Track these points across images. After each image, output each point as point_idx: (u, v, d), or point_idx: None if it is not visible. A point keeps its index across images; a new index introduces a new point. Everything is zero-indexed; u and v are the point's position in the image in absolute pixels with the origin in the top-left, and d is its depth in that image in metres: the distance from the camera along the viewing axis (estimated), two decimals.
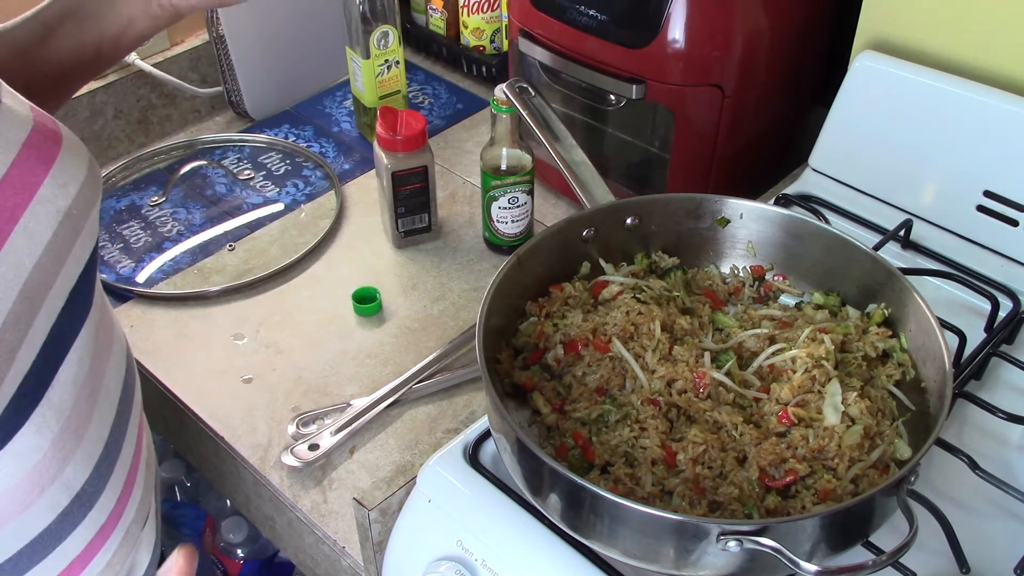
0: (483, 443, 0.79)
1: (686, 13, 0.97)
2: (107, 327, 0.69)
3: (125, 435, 0.70)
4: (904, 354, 0.78)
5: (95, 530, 0.67)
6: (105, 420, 0.66)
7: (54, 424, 0.60)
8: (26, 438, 0.58)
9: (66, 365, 0.61)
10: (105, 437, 0.66)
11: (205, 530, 1.33)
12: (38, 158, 0.61)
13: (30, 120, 0.62)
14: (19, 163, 0.59)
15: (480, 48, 1.42)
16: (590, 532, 0.67)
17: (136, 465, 0.72)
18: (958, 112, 0.93)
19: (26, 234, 0.59)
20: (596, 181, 0.88)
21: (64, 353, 0.61)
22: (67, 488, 0.63)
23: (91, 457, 0.64)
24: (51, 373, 0.60)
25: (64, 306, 0.61)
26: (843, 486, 0.68)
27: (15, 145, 0.59)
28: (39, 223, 0.60)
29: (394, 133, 1.07)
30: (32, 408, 0.59)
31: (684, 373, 0.75)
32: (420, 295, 1.10)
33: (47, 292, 0.60)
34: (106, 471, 0.66)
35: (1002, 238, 0.93)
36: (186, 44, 1.41)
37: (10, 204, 0.58)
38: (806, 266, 0.86)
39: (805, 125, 1.14)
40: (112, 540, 0.69)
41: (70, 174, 0.63)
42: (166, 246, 1.17)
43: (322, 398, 0.98)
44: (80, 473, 0.64)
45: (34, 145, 0.61)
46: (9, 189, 0.58)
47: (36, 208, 0.59)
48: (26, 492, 0.60)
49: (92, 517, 0.66)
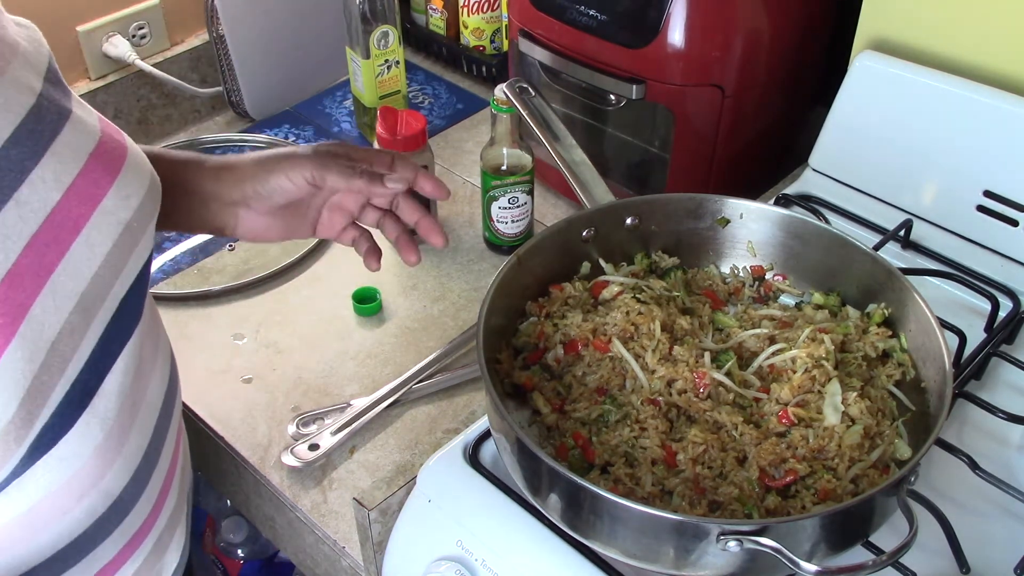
0: (483, 443, 0.79)
1: (686, 13, 0.97)
2: (154, 337, 0.69)
3: (164, 443, 0.70)
4: (904, 354, 0.78)
5: (129, 536, 0.67)
6: (146, 429, 0.66)
7: (97, 432, 0.60)
8: (69, 445, 0.58)
9: (112, 375, 0.61)
10: (144, 446, 0.66)
11: (205, 530, 1.33)
12: (104, 169, 0.61)
13: (98, 131, 0.62)
14: (85, 173, 0.59)
15: (480, 48, 1.42)
16: (590, 532, 0.67)
17: (172, 472, 0.72)
18: (958, 112, 0.93)
19: (88, 245, 0.59)
20: (596, 181, 0.88)
21: (111, 363, 0.61)
22: (105, 495, 0.63)
23: (130, 465, 0.64)
24: (97, 382, 0.60)
25: (113, 317, 0.61)
26: (843, 486, 0.68)
27: (83, 155, 0.60)
28: (100, 234, 0.60)
29: (394, 133, 1.07)
30: (77, 416, 0.59)
31: (684, 373, 0.75)
32: (420, 295, 1.10)
33: (101, 304, 0.60)
34: (143, 479, 0.66)
35: (1002, 238, 0.93)
36: (186, 44, 1.41)
37: (74, 215, 0.58)
38: (806, 266, 0.86)
39: (805, 125, 1.14)
40: (144, 546, 0.69)
41: (133, 186, 0.63)
42: (166, 246, 1.17)
43: (322, 398, 0.98)
44: (119, 481, 0.63)
45: (100, 156, 0.61)
46: (74, 199, 0.58)
47: (98, 219, 0.60)
48: (66, 498, 0.60)
49: (127, 523, 0.66)
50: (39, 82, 0.59)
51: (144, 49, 1.36)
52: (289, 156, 0.76)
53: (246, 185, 0.75)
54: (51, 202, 0.57)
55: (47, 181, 0.57)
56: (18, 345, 0.54)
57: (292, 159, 0.75)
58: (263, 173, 0.75)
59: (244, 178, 0.75)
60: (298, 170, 0.75)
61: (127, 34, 1.34)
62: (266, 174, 0.75)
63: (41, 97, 0.58)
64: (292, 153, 0.76)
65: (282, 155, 0.76)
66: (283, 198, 0.76)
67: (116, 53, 1.32)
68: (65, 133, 0.59)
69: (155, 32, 1.37)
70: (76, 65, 1.31)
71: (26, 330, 0.54)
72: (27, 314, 0.54)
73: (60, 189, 0.58)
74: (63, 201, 0.58)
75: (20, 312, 0.54)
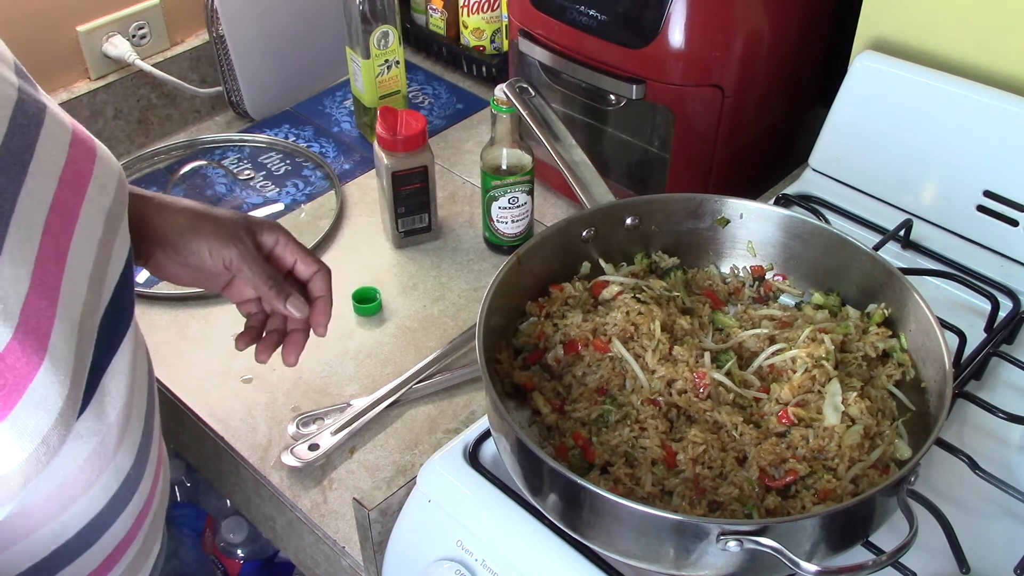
0: (483, 443, 0.79)
1: (686, 13, 0.97)
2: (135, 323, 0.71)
3: (155, 421, 0.73)
4: (904, 354, 0.78)
5: (137, 513, 0.69)
6: (141, 408, 0.69)
7: (110, 410, 0.62)
8: (88, 422, 0.60)
9: (119, 355, 0.63)
10: (142, 425, 0.68)
11: (205, 530, 1.33)
12: (84, 158, 0.63)
13: (69, 123, 0.64)
14: (70, 163, 0.61)
15: (480, 48, 1.42)
16: (590, 532, 0.67)
17: (162, 451, 0.75)
18: (958, 112, 0.93)
19: (85, 230, 0.61)
20: (596, 181, 0.88)
21: (118, 342, 0.64)
22: (118, 472, 0.65)
23: (134, 443, 0.67)
24: (106, 361, 0.62)
25: (112, 299, 0.63)
26: (843, 486, 0.68)
27: (64, 147, 0.61)
28: (91, 221, 0.62)
29: (394, 133, 1.07)
30: (92, 394, 0.60)
31: (684, 373, 0.75)
32: (420, 295, 1.10)
33: (103, 287, 0.62)
34: (144, 456, 0.69)
35: (1002, 238, 0.93)
36: (186, 44, 1.41)
37: (70, 202, 0.60)
38: (806, 266, 0.86)
39: (805, 125, 1.14)
40: (147, 521, 0.72)
41: (108, 176, 0.65)
42: None
43: (322, 398, 0.98)
44: (127, 457, 0.66)
45: (78, 146, 0.63)
46: (67, 188, 0.60)
47: (87, 207, 0.62)
48: (88, 474, 0.62)
49: (135, 501, 0.68)
50: (14, 77, 0.60)
51: (144, 49, 1.36)
52: (220, 228, 0.76)
53: (172, 234, 0.76)
54: (51, 191, 0.58)
55: (44, 171, 0.58)
56: (59, 327, 0.55)
57: (220, 235, 0.76)
58: (190, 233, 0.76)
59: (173, 228, 0.76)
60: (220, 250, 0.76)
61: (127, 34, 1.34)
62: (193, 235, 0.76)
63: (20, 92, 0.60)
64: (227, 224, 0.77)
65: (218, 222, 0.77)
66: (197, 263, 0.77)
67: (116, 53, 1.32)
68: (47, 125, 0.60)
69: (155, 32, 1.37)
70: (76, 65, 1.31)
71: (62, 311, 0.56)
72: (59, 296, 0.56)
73: (55, 178, 0.59)
74: (60, 189, 0.59)
75: (54, 295, 0.56)
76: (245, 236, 0.77)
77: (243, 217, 0.79)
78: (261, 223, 0.80)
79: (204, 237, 0.76)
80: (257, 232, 0.79)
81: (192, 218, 0.76)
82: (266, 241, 0.79)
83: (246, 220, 0.79)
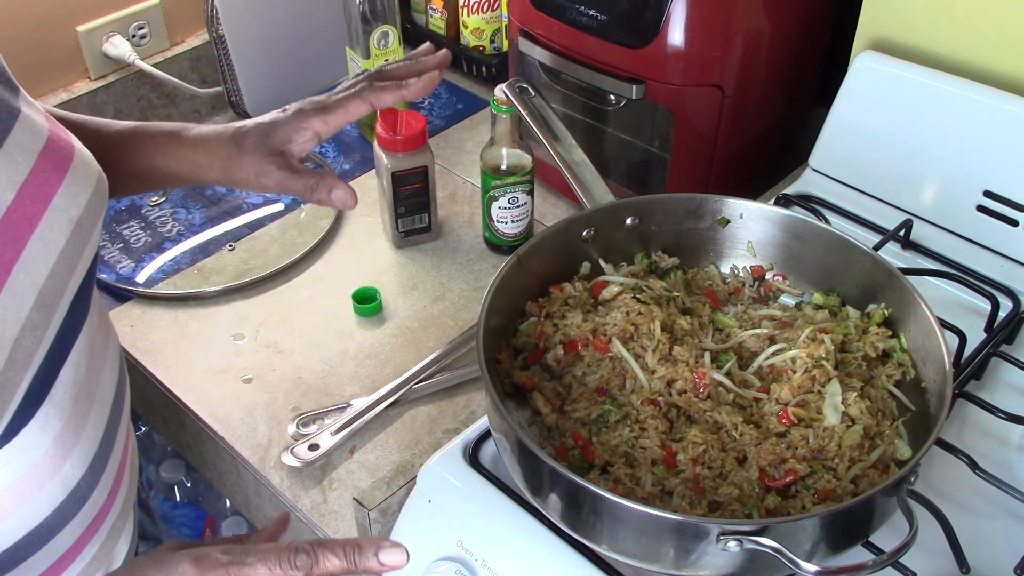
0: (483, 443, 0.79)
1: (686, 13, 0.97)
2: (104, 330, 0.70)
3: (117, 433, 0.71)
4: (904, 354, 0.78)
5: (86, 524, 0.68)
6: (100, 419, 0.68)
7: (56, 423, 0.61)
8: (30, 435, 0.59)
9: (67, 367, 0.62)
10: (100, 436, 0.67)
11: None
12: (53, 168, 0.62)
13: (46, 130, 0.63)
14: (36, 172, 0.60)
15: (480, 48, 1.42)
16: (590, 532, 0.67)
17: (124, 463, 0.74)
18: (958, 112, 0.93)
19: (42, 242, 0.60)
20: (596, 181, 0.88)
21: (66, 355, 0.63)
22: (64, 484, 0.64)
23: (87, 455, 0.66)
24: (54, 375, 0.61)
25: (68, 311, 0.62)
26: (843, 486, 0.68)
27: (33, 154, 0.60)
28: (54, 232, 0.61)
29: (394, 133, 1.07)
30: (37, 407, 0.60)
31: (684, 373, 0.75)
32: (420, 295, 1.10)
33: (59, 300, 0.61)
34: (99, 468, 0.68)
35: (1002, 238, 0.93)
36: (186, 44, 1.41)
37: (28, 213, 0.59)
38: (806, 266, 0.86)
39: (805, 125, 1.14)
40: (100, 534, 0.71)
41: (82, 184, 0.64)
42: (166, 246, 1.17)
43: (322, 398, 0.98)
44: (77, 470, 0.65)
45: (49, 155, 0.61)
46: (27, 198, 0.59)
47: (51, 217, 0.60)
48: (27, 487, 0.61)
49: (84, 512, 0.67)
50: None
51: (144, 49, 1.36)
52: (248, 165, 0.79)
53: (208, 176, 0.81)
54: (5, 202, 0.58)
55: (0, 181, 0.57)
56: None
57: (251, 175, 0.79)
58: (226, 179, 0.81)
59: (208, 175, 0.81)
60: (258, 185, 0.80)
61: (127, 34, 1.34)
62: (229, 179, 0.81)
63: None
64: (253, 159, 0.79)
65: (242, 162, 0.79)
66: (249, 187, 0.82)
67: (116, 53, 1.32)
68: (16, 132, 0.59)
69: (155, 32, 1.37)
70: (76, 65, 1.31)
71: None
72: None
73: (13, 188, 0.58)
74: (17, 200, 0.58)
75: None
76: (269, 164, 0.78)
77: (261, 139, 0.79)
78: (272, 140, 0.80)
79: (239, 182, 0.80)
80: (275, 144, 0.79)
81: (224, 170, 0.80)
82: (288, 150, 0.80)
83: (265, 144, 0.79)
